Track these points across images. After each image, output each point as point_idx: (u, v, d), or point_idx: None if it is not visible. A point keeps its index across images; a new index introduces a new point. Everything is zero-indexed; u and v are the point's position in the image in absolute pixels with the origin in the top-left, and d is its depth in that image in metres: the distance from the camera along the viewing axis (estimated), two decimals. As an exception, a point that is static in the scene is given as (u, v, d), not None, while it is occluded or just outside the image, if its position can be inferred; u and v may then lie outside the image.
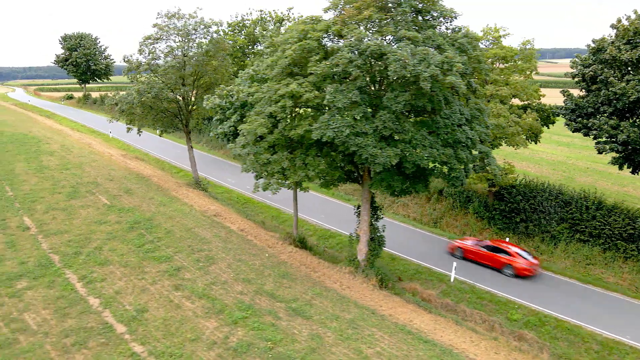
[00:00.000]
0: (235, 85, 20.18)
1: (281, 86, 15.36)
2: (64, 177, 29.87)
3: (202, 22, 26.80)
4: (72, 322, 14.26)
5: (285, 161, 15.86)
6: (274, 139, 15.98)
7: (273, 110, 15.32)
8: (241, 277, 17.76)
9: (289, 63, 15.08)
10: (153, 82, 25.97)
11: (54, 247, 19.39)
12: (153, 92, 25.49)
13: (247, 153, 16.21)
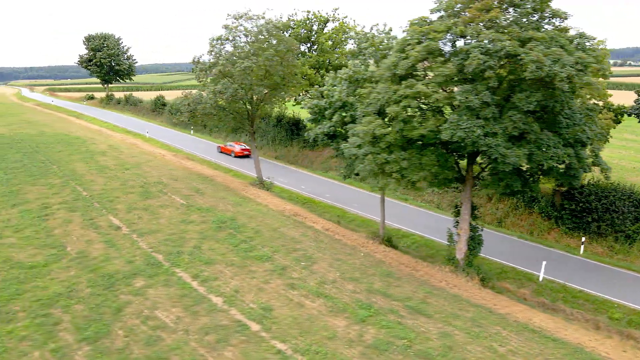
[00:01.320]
0: (328, 85, 20.39)
1: (401, 87, 15.55)
2: (129, 177, 30.15)
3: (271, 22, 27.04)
4: (205, 320, 14.48)
5: (404, 161, 16.06)
6: (391, 139, 16.18)
7: (394, 110, 15.52)
8: (347, 276, 17.97)
9: (412, 64, 15.28)
10: (227, 83, 26.17)
11: (153, 246, 19.63)
12: (229, 92, 25.72)
13: (364, 154, 16.37)
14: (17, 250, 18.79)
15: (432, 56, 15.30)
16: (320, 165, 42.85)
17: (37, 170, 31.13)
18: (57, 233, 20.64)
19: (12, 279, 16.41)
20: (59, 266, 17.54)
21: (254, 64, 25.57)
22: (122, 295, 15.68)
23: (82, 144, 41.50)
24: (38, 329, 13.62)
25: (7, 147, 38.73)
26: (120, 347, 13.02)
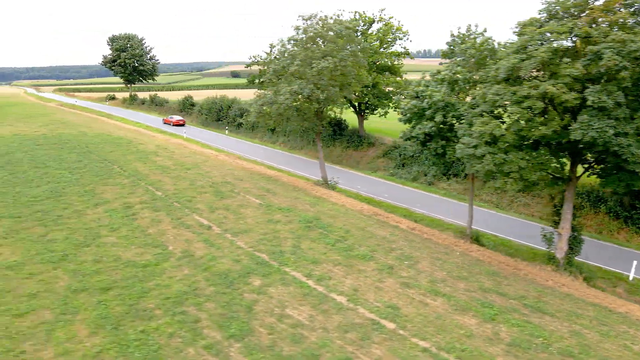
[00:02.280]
0: (420, 86, 20.58)
1: (523, 88, 15.72)
2: (194, 177, 30.39)
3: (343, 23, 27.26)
4: (338, 318, 14.69)
5: (522, 161, 16.23)
6: (510, 139, 16.35)
7: (515, 111, 15.71)
8: (455, 275, 18.16)
9: (537, 65, 15.45)
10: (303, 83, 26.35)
11: (252, 245, 19.85)
12: (305, 93, 25.94)
13: (482, 154, 16.55)
14: (121, 249, 19.03)
15: (556, 57, 15.47)
16: (367, 165, 43.07)
17: (101, 170, 31.38)
18: (152, 232, 20.88)
19: (131, 277, 16.65)
20: (170, 265, 17.77)
21: (330, 65, 25.76)
22: (246, 294, 15.90)
23: (129, 144, 41.74)
24: (181, 326, 13.84)
25: (58, 148, 39.00)
26: (268, 344, 13.23)
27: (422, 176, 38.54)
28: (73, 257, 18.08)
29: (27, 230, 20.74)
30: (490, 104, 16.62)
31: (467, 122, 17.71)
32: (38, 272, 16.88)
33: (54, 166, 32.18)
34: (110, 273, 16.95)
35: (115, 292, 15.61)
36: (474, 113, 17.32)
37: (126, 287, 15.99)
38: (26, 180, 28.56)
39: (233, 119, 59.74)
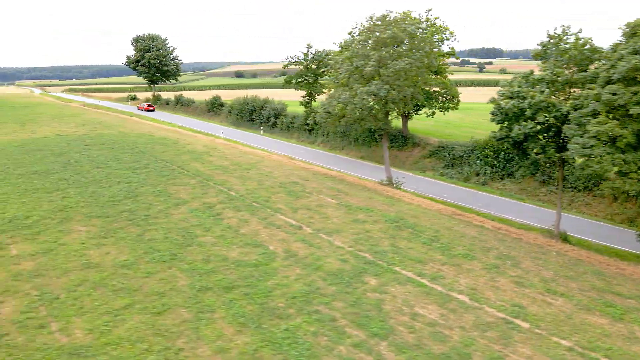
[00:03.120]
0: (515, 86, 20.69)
1: None
2: (259, 177, 30.57)
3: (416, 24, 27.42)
4: (470, 317, 14.82)
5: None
6: (629, 139, 16.46)
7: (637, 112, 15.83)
8: (562, 275, 18.27)
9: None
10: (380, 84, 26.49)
11: (351, 245, 20.00)
12: (382, 93, 26.08)
13: (600, 154, 16.65)
14: (223, 248, 19.20)
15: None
16: (414, 165, 43.21)
17: (163, 170, 31.58)
18: (245, 232, 21.05)
19: (248, 277, 16.81)
20: (280, 265, 17.93)
21: (407, 65, 25.91)
22: (368, 293, 16.05)
23: (176, 145, 41.92)
24: (322, 325, 14.00)
25: (109, 148, 39.23)
26: (413, 342, 13.38)
27: (474, 176, 38.68)
28: (182, 257, 18.27)
29: (122, 230, 20.94)
30: (604, 104, 16.74)
31: (576, 122, 17.83)
32: (154, 271, 17.06)
33: (115, 166, 32.40)
34: (225, 272, 17.11)
35: (240, 291, 15.77)
36: (584, 113, 17.44)
37: (248, 286, 16.15)
38: (94, 180, 28.77)
39: (267, 119, 59.96)
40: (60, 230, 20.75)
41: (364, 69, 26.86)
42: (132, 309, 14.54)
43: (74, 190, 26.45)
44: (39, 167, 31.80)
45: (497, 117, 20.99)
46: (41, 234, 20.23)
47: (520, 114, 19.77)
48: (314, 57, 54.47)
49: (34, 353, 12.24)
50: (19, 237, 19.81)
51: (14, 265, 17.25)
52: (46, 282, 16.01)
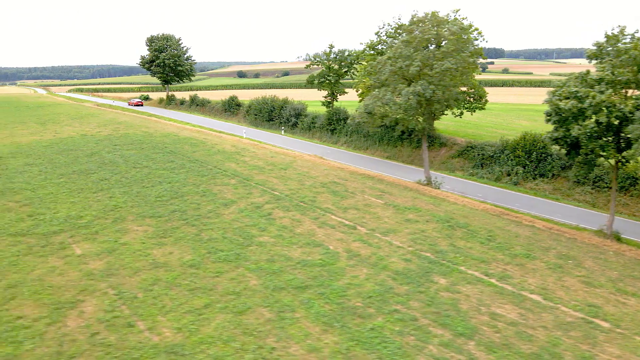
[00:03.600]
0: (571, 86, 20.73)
1: None
2: (298, 177, 30.64)
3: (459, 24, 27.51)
4: (549, 317, 14.88)
5: None
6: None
7: None
8: (627, 274, 18.32)
9: None
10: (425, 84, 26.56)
11: (409, 244, 20.06)
12: (428, 93, 26.16)
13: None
14: (285, 248, 19.27)
15: None
16: (442, 165, 43.31)
17: (200, 170, 31.67)
18: (301, 232, 21.12)
19: (317, 277, 16.88)
20: (345, 264, 18.00)
21: (454, 65, 25.99)
22: (441, 292, 16.11)
23: (204, 145, 42.00)
24: (405, 324, 14.07)
25: (138, 148, 39.32)
26: (502, 342, 13.43)
27: (505, 176, 38.73)
28: (246, 257, 18.34)
29: (177, 229, 21.03)
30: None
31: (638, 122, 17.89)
32: (223, 271, 17.14)
33: (152, 166, 32.50)
34: (293, 272, 17.18)
35: (314, 291, 15.83)
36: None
37: (320, 285, 16.22)
38: (135, 180, 28.87)
39: (287, 119, 60.07)
40: (117, 229, 20.85)
41: (409, 70, 26.92)
42: (213, 308, 14.62)
43: (119, 190, 26.55)
44: (76, 167, 31.92)
45: (553, 117, 21.03)
46: (99, 234, 20.34)
47: (579, 115, 19.82)
48: (336, 56, 54.58)
49: (131, 352, 12.33)
50: (79, 237, 19.91)
51: (83, 264, 17.34)
52: (120, 282, 16.10)
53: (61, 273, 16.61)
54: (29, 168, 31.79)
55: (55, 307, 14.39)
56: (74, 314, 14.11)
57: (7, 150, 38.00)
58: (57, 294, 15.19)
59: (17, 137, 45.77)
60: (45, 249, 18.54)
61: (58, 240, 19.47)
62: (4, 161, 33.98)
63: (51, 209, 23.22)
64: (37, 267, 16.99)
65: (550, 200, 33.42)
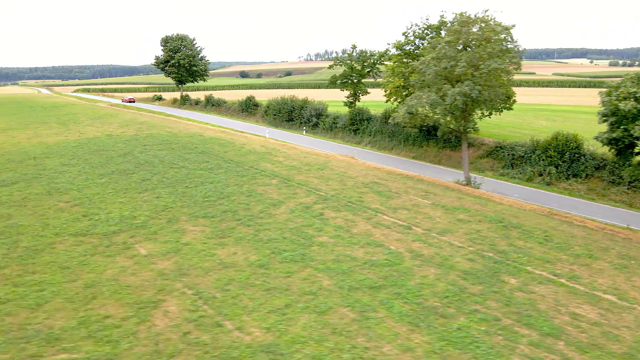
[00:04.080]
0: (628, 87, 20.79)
1: None
2: (338, 178, 30.72)
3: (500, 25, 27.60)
4: (629, 317, 14.93)
5: None
6: None
7: None
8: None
9: None
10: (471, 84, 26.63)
11: (469, 244, 20.12)
12: (474, 93, 26.24)
13: None
14: (347, 248, 19.33)
15: None
16: (470, 165, 43.21)
17: (237, 170, 31.75)
18: (358, 232, 21.18)
19: (388, 277, 16.93)
20: (411, 264, 18.06)
21: (501, 66, 26.08)
22: (516, 292, 16.16)
23: (232, 145, 42.07)
24: (489, 325, 14.12)
25: (169, 148, 39.42)
26: (588, 342, 13.49)
27: (537, 176, 38.77)
28: (311, 257, 18.41)
29: (234, 230, 21.10)
30: None
31: None
32: (292, 271, 17.20)
33: (189, 167, 32.59)
34: (363, 272, 17.24)
35: (389, 291, 15.89)
36: None
37: (394, 285, 16.29)
38: (177, 180, 28.94)
39: (308, 119, 60.19)
40: (174, 230, 20.93)
41: (454, 70, 26.99)
42: (294, 308, 14.69)
43: (164, 191, 26.63)
44: (114, 168, 32.02)
45: (610, 118, 21.07)
46: (158, 234, 20.42)
47: (638, 115, 19.88)
48: (358, 57, 54.68)
49: (228, 351, 12.40)
50: (139, 237, 20.00)
51: (152, 264, 17.43)
52: (194, 282, 16.18)
53: (134, 273, 16.70)
54: (67, 168, 31.90)
55: (139, 306, 14.47)
56: (159, 313, 14.19)
57: (38, 151, 38.13)
58: (136, 293, 15.27)
59: (43, 137, 45.93)
60: (111, 249, 18.64)
61: (120, 240, 19.55)
62: (40, 161, 34.11)
63: (103, 209, 23.31)
64: (108, 267, 17.08)
65: (586, 201, 33.46)
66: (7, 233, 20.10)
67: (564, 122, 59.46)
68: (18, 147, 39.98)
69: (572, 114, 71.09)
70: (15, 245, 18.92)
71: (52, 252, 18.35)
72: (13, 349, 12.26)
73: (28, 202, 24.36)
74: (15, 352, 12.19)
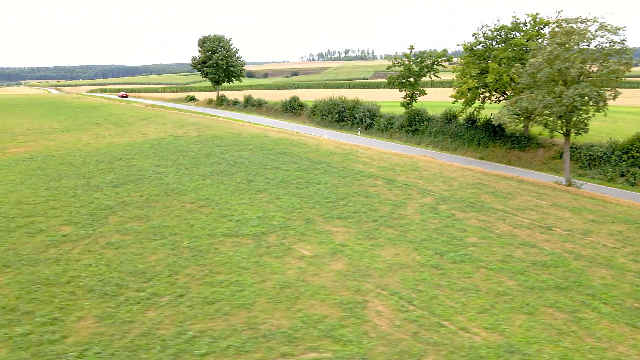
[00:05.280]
0: None
1: None
2: (437, 178, 30.91)
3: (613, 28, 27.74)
4: None
5: None
6: None
7: None
8: None
9: None
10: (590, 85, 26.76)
11: (623, 246, 20.20)
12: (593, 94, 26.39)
13: None
14: (501, 249, 19.46)
15: None
16: (543, 166, 43.35)
17: (334, 171, 31.93)
18: (501, 232, 21.30)
19: (567, 277, 17.05)
20: (580, 265, 18.16)
21: (621, 67, 26.21)
22: (703, 293, 16.25)
23: (305, 145, 42.26)
24: None
25: (246, 149, 39.64)
26: None
27: (619, 177, 38.78)
28: (476, 257, 18.53)
29: (376, 231, 21.21)
30: None
31: None
32: (468, 271, 17.34)
33: (282, 167, 32.78)
34: (538, 273, 17.36)
35: (579, 291, 16.00)
36: None
37: (580, 286, 16.37)
38: (282, 181, 29.06)
39: (361, 120, 60.35)
40: (319, 231, 21.08)
41: (569, 72, 27.12)
42: (500, 308, 14.81)
43: (279, 192, 26.80)
44: (209, 168, 32.20)
45: None
46: (307, 235, 20.58)
47: None
48: (417, 58, 54.85)
49: (472, 351, 12.54)
50: (291, 238, 20.16)
51: (326, 265, 17.60)
52: (382, 282, 16.34)
53: (316, 273, 16.87)
54: (162, 169, 32.12)
55: (348, 306, 14.64)
56: (372, 313, 14.36)
57: (116, 152, 38.36)
58: (335, 294, 15.44)
59: (108, 138, 46.21)
60: (274, 250, 18.81)
61: (274, 242, 19.72)
62: (128, 162, 34.36)
63: (234, 210, 23.50)
64: (286, 268, 17.26)
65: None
66: (159, 234, 20.33)
67: (614, 123, 59.46)
68: (94, 148, 40.25)
69: (620, 114, 71.09)
70: (176, 246, 19.14)
71: (218, 252, 18.56)
72: (261, 348, 12.45)
73: (153, 203, 24.58)
74: (264, 350, 12.38)
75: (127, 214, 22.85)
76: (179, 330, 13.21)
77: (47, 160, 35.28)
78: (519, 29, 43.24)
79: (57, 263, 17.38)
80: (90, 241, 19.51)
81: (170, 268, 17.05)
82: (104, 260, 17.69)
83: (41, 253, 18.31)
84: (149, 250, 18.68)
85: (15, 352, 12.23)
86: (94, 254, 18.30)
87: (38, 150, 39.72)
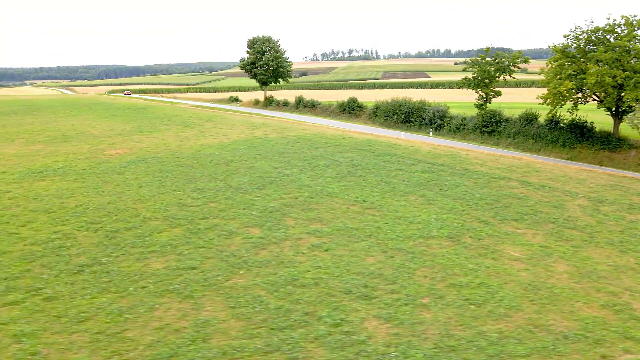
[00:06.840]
0: None
1: None
2: (572, 182, 31.01)
3: None
4: None
5: None
6: None
7: None
8: None
9: None
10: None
11: None
12: None
13: None
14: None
15: None
16: (638, 167, 43.47)
17: (462, 174, 32.15)
18: None
19: None
20: None
21: None
22: None
23: (400, 147, 42.43)
24: None
25: (347, 151, 39.88)
26: None
27: None
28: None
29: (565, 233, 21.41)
30: None
31: None
32: None
33: (405, 169, 32.90)
34: None
35: None
36: None
37: None
38: (417, 183, 29.25)
39: (430, 121, 60.58)
40: (505, 232, 21.27)
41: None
42: None
43: (428, 194, 26.98)
44: (336, 170, 32.24)
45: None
46: (498, 236, 20.77)
47: None
48: (493, 59, 55.05)
49: None
50: (487, 240, 20.34)
51: (550, 267, 17.80)
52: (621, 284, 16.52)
53: (549, 276, 17.05)
54: (286, 171, 32.35)
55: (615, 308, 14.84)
56: None
57: (221, 153, 38.70)
58: (590, 295, 15.65)
59: (194, 140, 46.50)
60: (482, 252, 19.02)
61: (473, 243, 19.92)
62: (243, 164, 34.58)
63: (401, 212, 23.69)
64: (514, 270, 17.46)
65: None
66: (353, 237, 20.52)
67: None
68: (194, 150, 40.53)
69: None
70: (382, 248, 19.35)
71: (429, 253, 18.75)
72: (572, 349, 12.67)
73: (314, 205, 24.72)
74: (577, 352, 12.59)
75: (299, 216, 23.10)
76: (474, 331, 13.45)
77: (160, 162, 35.52)
78: (613, 31, 43.38)
79: (289, 264, 17.63)
80: (292, 243, 19.76)
81: (401, 270, 17.29)
82: (326, 262, 17.92)
83: (255, 255, 18.61)
84: (358, 252, 18.94)
85: (335, 351, 12.51)
86: (307, 256, 18.57)
87: (136, 152, 40.06)
